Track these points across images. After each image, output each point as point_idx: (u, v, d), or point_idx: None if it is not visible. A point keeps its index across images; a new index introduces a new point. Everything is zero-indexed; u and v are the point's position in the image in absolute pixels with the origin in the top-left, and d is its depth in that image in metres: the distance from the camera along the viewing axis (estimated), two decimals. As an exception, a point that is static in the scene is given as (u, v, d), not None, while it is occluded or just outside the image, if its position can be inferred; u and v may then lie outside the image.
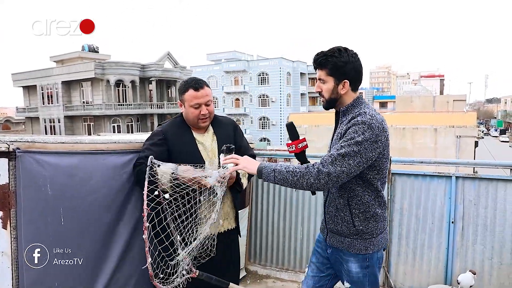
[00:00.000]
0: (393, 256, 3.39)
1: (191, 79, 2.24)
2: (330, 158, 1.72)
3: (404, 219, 3.34)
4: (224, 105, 46.10)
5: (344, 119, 1.90)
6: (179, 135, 2.22)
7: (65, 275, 2.07)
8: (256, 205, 3.92)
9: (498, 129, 66.64)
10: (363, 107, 1.86)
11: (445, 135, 18.80)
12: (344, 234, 1.92)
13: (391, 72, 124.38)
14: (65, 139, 2.08)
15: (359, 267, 1.92)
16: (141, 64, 30.93)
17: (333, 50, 1.86)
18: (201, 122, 2.22)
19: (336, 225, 1.94)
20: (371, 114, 1.79)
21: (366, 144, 1.73)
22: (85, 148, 2.12)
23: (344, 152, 1.71)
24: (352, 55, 1.85)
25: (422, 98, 29.36)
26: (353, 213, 1.88)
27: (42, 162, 1.93)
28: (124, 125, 30.13)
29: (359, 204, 1.87)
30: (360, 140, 1.72)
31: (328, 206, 1.99)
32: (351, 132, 1.75)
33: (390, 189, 3.33)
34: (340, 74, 1.85)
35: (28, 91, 33.95)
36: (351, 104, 1.89)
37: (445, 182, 3.19)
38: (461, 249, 3.18)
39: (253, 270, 3.90)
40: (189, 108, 2.18)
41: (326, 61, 1.85)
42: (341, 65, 1.83)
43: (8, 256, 1.85)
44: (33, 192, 1.91)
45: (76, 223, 2.07)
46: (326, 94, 1.90)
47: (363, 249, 1.90)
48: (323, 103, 1.96)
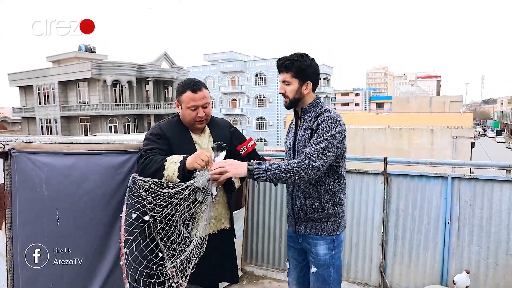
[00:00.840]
0: (389, 257, 3.40)
1: (189, 80, 2.21)
2: (316, 153, 1.89)
3: (400, 219, 3.35)
4: (221, 105, 46.07)
5: (307, 116, 2.10)
6: (177, 134, 2.20)
7: (61, 275, 2.06)
8: (252, 206, 3.91)
9: (495, 130, 66.87)
10: (323, 106, 2.10)
11: (441, 135, 18.83)
12: (314, 219, 2.11)
13: (388, 72, 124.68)
14: (60, 139, 2.07)
15: (326, 249, 2.12)
16: (138, 64, 30.86)
17: (296, 55, 2.07)
18: (197, 124, 2.21)
19: (306, 212, 2.12)
20: (334, 111, 2.05)
21: (338, 136, 1.96)
22: (81, 148, 2.11)
23: (325, 146, 1.91)
24: (312, 60, 2.09)
25: (418, 99, 29.46)
26: (322, 199, 2.08)
27: (38, 163, 1.92)
28: (121, 125, 30.05)
29: (326, 190, 2.08)
30: (333, 133, 1.95)
31: (295, 197, 2.16)
32: (324, 127, 1.96)
33: (386, 190, 3.34)
34: (303, 77, 2.07)
35: (25, 91, 33.82)
36: (312, 104, 2.12)
37: (441, 183, 3.20)
38: (457, 249, 3.18)
39: (250, 271, 3.90)
40: (186, 110, 2.16)
41: (291, 64, 2.06)
42: (304, 68, 2.05)
43: (3, 256, 1.85)
44: (29, 192, 1.90)
45: (72, 223, 2.07)
46: (291, 95, 2.10)
47: (331, 230, 2.12)
48: (286, 103, 2.15)
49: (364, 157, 3.41)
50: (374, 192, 3.40)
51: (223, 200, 2.32)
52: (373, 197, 3.41)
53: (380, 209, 3.38)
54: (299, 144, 2.10)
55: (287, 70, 2.07)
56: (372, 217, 3.42)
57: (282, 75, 2.10)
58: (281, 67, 2.09)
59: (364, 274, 3.49)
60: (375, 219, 3.41)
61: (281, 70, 2.10)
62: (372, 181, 3.41)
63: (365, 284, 3.49)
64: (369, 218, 3.44)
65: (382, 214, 3.38)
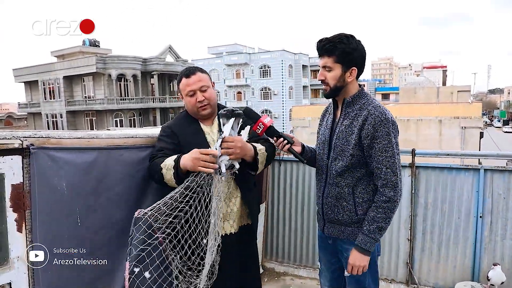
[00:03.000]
0: (417, 252, 3.27)
1: (184, 68, 2.13)
2: (395, 176, 1.78)
3: (429, 213, 3.21)
4: (226, 98, 45.85)
5: (350, 110, 1.86)
6: (186, 127, 2.08)
7: (83, 277, 1.95)
8: (273, 201, 3.79)
9: (501, 120, 66.21)
10: (369, 99, 1.86)
11: (450, 126, 18.62)
12: (345, 223, 1.90)
13: (393, 63, 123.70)
14: (81, 134, 1.95)
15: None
16: (143, 58, 30.71)
17: (340, 36, 1.80)
18: (200, 110, 2.04)
19: (337, 214, 1.92)
20: (383, 107, 1.80)
21: (396, 139, 1.80)
22: (102, 143, 1.99)
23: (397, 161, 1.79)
24: (358, 42, 1.81)
25: (426, 89, 29.06)
26: (357, 202, 1.86)
27: (58, 159, 1.79)
28: (127, 119, 30.00)
29: (363, 193, 1.86)
30: (394, 140, 1.78)
31: (326, 196, 1.95)
32: (385, 135, 1.75)
33: (413, 183, 3.20)
34: (348, 61, 1.80)
35: (30, 87, 33.80)
36: (357, 95, 1.86)
37: (472, 175, 3.05)
38: (489, 244, 3.05)
39: (270, 267, 3.79)
40: (186, 98, 2.06)
41: (334, 47, 1.78)
42: (350, 52, 1.78)
43: (24, 261, 1.73)
44: (49, 192, 1.78)
45: (93, 223, 1.95)
46: (332, 82, 1.84)
47: None
48: (326, 92, 1.89)
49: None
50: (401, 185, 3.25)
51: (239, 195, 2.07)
52: (400, 190, 3.26)
53: (408, 203, 3.24)
54: (338, 141, 1.87)
55: (328, 54, 1.80)
56: (399, 211, 3.28)
57: (323, 60, 1.83)
58: (322, 50, 1.82)
59: (390, 270, 3.37)
60: (402, 213, 3.28)
61: (322, 53, 1.83)
62: (398, 174, 3.26)
63: (391, 280, 3.36)
64: (396, 212, 3.29)
65: (409, 208, 3.24)
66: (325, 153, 1.97)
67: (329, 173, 1.93)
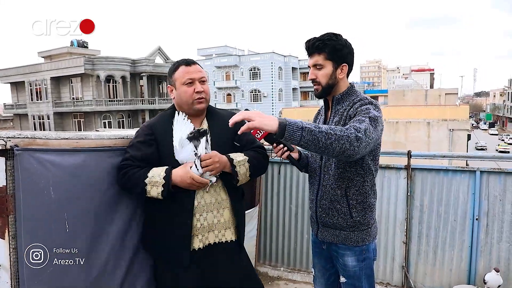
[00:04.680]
0: (413, 255, 3.23)
1: (180, 59, 1.99)
2: (363, 126, 1.55)
3: (424, 216, 3.17)
4: (215, 100, 45.67)
5: (340, 107, 1.82)
6: (171, 127, 1.89)
7: (72, 283, 1.85)
8: (266, 203, 3.72)
9: (487, 122, 67.30)
10: (359, 94, 1.82)
11: (438, 128, 18.83)
12: (340, 227, 1.84)
13: (381, 66, 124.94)
14: (68, 135, 1.85)
15: (355, 261, 1.85)
16: (132, 59, 30.41)
17: (329, 34, 1.79)
18: (197, 103, 1.89)
19: (331, 218, 1.85)
20: (372, 100, 1.78)
21: (379, 120, 1.67)
22: (91, 144, 1.89)
23: (369, 123, 1.58)
24: (346, 40, 1.81)
25: (414, 92, 29.44)
26: (351, 204, 1.80)
27: (44, 161, 1.69)
28: (115, 121, 29.64)
29: (357, 195, 1.80)
30: (376, 115, 1.65)
31: (320, 199, 1.88)
32: (365, 109, 1.68)
33: (409, 185, 3.16)
34: (339, 58, 1.78)
35: (16, 88, 33.20)
36: (346, 92, 1.83)
37: (468, 177, 3.03)
38: (485, 247, 3.02)
39: (263, 272, 3.71)
40: (182, 87, 1.89)
41: (324, 44, 1.76)
42: (340, 48, 1.77)
43: (6, 270, 1.62)
44: (35, 195, 1.68)
45: (83, 228, 1.85)
46: (324, 80, 1.80)
47: (360, 240, 1.84)
48: (317, 92, 1.84)
49: (386, 151, 3.21)
50: (396, 187, 3.22)
51: (229, 204, 1.98)
52: (396, 193, 3.23)
53: (403, 206, 3.20)
54: None
55: (319, 51, 1.77)
56: (394, 214, 3.24)
57: (313, 58, 1.79)
58: (312, 48, 1.78)
59: (386, 274, 3.32)
60: (397, 216, 3.24)
61: (312, 51, 1.79)
62: (394, 176, 3.22)
63: (387, 284, 3.32)
64: (391, 215, 3.26)
65: (405, 210, 3.20)
66: (318, 155, 1.91)
67: (322, 175, 1.88)
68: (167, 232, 1.89)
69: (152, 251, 2.02)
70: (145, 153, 1.86)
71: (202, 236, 1.89)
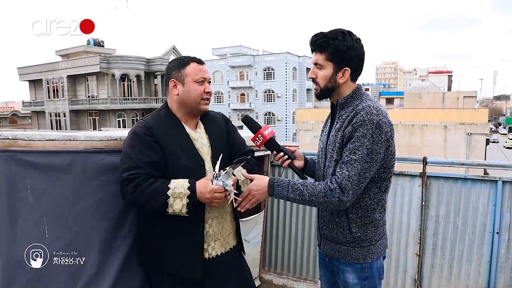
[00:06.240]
0: (426, 269, 3.04)
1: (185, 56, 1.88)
2: (350, 182, 1.51)
3: (440, 227, 2.98)
4: (229, 100, 45.66)
5: (343, 112, 1.68)
6: (169, 129, 1.77)
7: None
8: (272, 210, 3.57)
9: (507, 127, 65.61)
10: (363, 99, 1.65)
11: (455, 132, 18.34)
12: (340, 242, 1.73)
13: (398, 67, 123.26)
14: (55, 135, 1.73)
15: (356, 278, 1.72)
16: (146, 58, 30.61)
17: (336, 32, 1.62)
18: (203, 103, 1.81)
19: (331, 231, 1.74)
20: (376, 108, 1.56)
21: (377, 147, 1.53)
22: (80, 146, 1.77)
23: (361, 169, 1.52)
24: (356, 40, 1.63)
25: (431, 95, 28.77)
26: (350, 218, 1.67)
27: (24, 164, 1.58)
28: (130, 119, 29.85)
29: (357, 208, 1.66)
30: (370, 147, 1.52)
31: (322, 210, 1.79)
32: (360, 137, 1.52)
33: (424, 194, 2.97)
34: (341, 60, 1.62)
35: (34, 85, 33.79)
36: (350, 96, 1.67)
37: (489, 187, 2.82)
38: (506, 263, 2.81)
39: (268, 279, 3.56)
40: (192, 85, 1.77)
41: (327, 43, 1.61)
42: (344, 50, 1.60)
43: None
44: (11, 200, 1.57)
45: (65, 234, 1.73)
46: (322, 82, 1.67)
47: (361, 258, 1.70)
48: (316, 92, 1.72)
49: (400, 157, 3.03)
50: (410, 196, 3.03)
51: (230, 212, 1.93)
52: (409, 201, 3.04)
53: (417, 215, 3.01)
54: (330, 147, 1.69)
55: (321, 50, 1.63)
56: (408, 224, 3.05)
57: (315, 56, 1.66)
58: (315, 45, 1.64)
59: (397, 287, 3.13)
60: (410, 226, 3.05)
61: (314, 49, 1.65)
62: (408, 183, 3.03)
63: (398, 298, 3.13)
64: (404, 225, 3.07)
65: (419, 220, 3.01)
66: (322, 162, 1.77)
67: None
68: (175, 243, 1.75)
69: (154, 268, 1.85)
70: (153, 159, 1.67)
71: (208, 245, 1.81)
